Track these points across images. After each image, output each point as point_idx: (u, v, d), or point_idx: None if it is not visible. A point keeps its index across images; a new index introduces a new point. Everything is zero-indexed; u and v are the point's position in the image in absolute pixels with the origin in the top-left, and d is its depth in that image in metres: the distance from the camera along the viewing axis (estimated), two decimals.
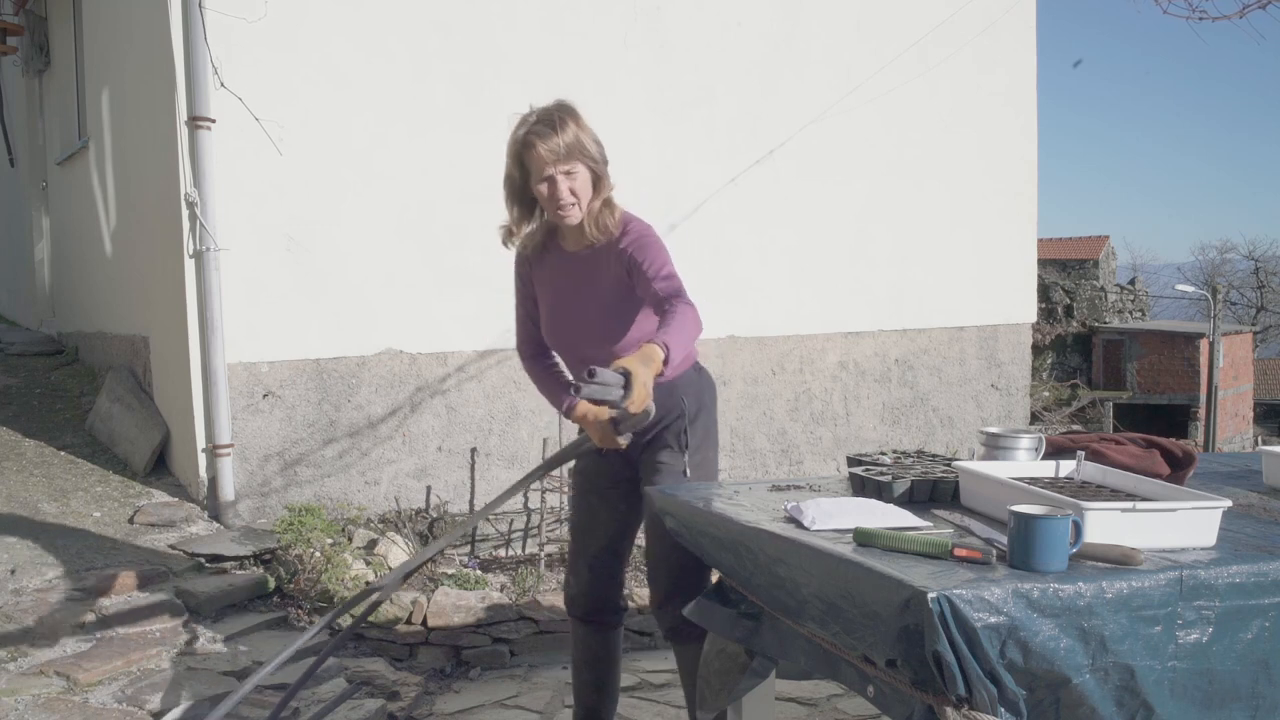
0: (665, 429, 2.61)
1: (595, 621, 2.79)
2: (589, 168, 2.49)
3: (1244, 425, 21.57)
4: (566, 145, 2.44)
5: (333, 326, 4.86)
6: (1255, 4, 4.41)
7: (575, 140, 2.45)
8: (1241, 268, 36.10)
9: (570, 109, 2.53)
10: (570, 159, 2.45)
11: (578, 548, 2.78)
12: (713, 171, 5.84)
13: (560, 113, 2.49)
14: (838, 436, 6.45)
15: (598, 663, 2.83)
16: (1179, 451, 2.36)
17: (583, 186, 2.49)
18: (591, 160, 2.49)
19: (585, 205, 2.51)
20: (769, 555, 2.02)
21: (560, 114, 2.49)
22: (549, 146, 2.44)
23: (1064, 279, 20.27)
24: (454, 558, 4.66)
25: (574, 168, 2.47)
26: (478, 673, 3.93)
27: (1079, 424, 16.07)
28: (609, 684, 2.85)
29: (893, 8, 6.44)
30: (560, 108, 2.52)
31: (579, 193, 2.49)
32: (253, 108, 4.53)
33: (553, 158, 2.44)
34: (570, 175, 2.47)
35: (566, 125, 2.45)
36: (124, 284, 5.93)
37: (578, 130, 2.47)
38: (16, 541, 4.03)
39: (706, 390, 2.74)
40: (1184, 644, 1.68)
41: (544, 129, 2.45)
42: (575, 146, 2.45)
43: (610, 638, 2.82)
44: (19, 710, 2.95)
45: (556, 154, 2.44)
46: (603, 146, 2.54)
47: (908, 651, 1.62)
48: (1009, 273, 7.19)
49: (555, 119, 2.46)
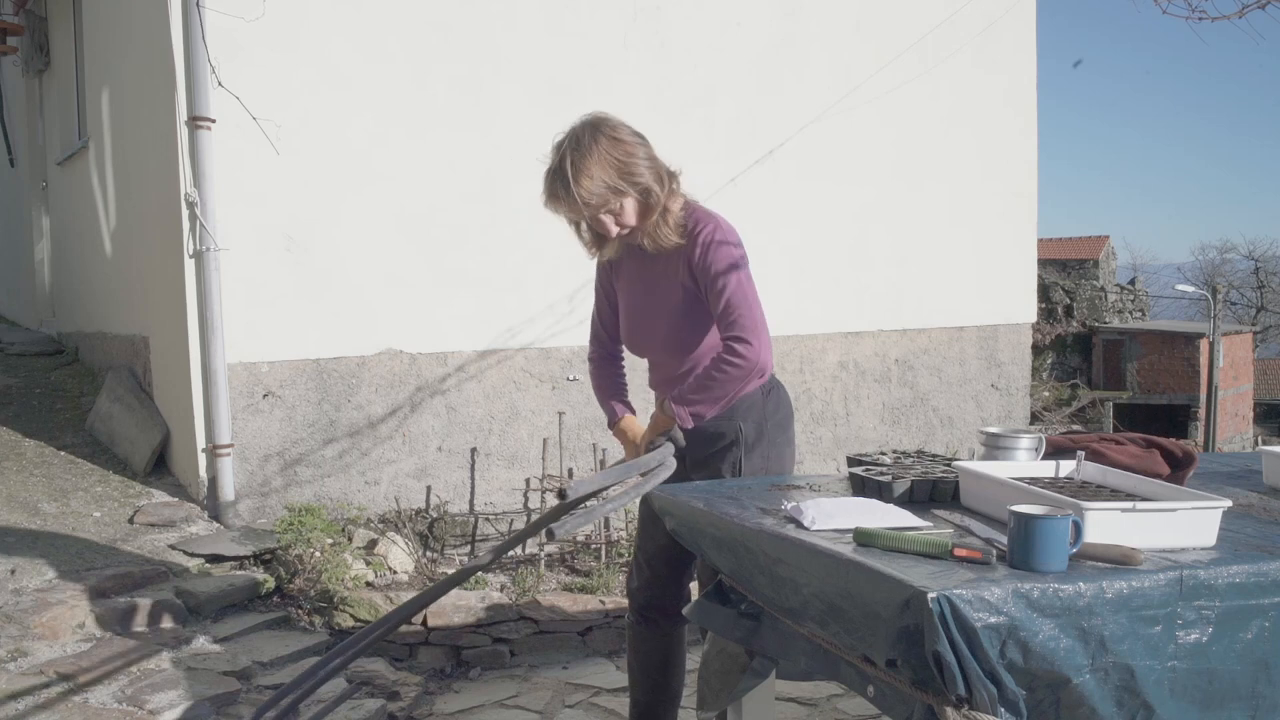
0: (718, 455, 2.55)
1: (651, 620, 2.71)
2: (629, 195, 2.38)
3: (1244, 425, 21.57)
4: (587, 198, 2.33)
5: (333, 326, 4.86)
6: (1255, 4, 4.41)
7: (598, 188, 2.33)
8: (1241, 268, 36.13)
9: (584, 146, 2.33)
10: (604, 206, 2.36)
11: (640, 543, 2.70)
12: (713, 171, 5.84)
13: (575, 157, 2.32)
14: (838, 436, 6.45)
15: (650, 663, 2.74)
16: (1179, 451, 2.36)
17: (627, 214, 2.41)
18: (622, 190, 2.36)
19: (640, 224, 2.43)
20: (769, 555, 2.02)
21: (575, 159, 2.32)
22: (569, 209, 2.37)
23: (1064, 279, 20.27)
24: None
25: (610, 206, 2.38)
26: (478, 673, 3.93)
27: (1079, 424, 16.06)
28: (665, 685, 2.75)
29: (893, 8, 6.44)
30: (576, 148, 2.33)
31: (624, 221, 2.42)
32: (252, 107, 4.53)
33: (578, 216, 2.39)
34: (613, 211, 2.39)
35: (585, 180, 2.31)
36: (124, 284, 5.93)
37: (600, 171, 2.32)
38: (16, 541, 4.03)
39: (771, 415, 2.61)
40: (1184, 644, 1.68)
41: (559, 188, 2.34)
42: (599, 194, 2.34)
43: (666, 640, 2.73)
44: (19, 710, 2.95)
45: (580, 212, 2.37)
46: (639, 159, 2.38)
47: (908, 651, 1.62)
48: (1009, 273, 7.19)
49: (569, 174, 2.31)
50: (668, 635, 2.72)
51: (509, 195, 5.05)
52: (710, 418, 2.48)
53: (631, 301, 2.63)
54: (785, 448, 2.65)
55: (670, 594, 2.69)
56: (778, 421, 2.64)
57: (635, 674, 2.78)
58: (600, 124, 2.41)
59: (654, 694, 2.76)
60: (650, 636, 2.72)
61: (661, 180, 2.43)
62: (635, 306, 2.62)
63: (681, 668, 2.79)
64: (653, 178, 2.41)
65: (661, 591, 2.68)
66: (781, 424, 2.65)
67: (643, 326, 2.61)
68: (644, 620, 2.71)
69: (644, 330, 2.61)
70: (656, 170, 2.43)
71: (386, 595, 4.03)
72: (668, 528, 2.41)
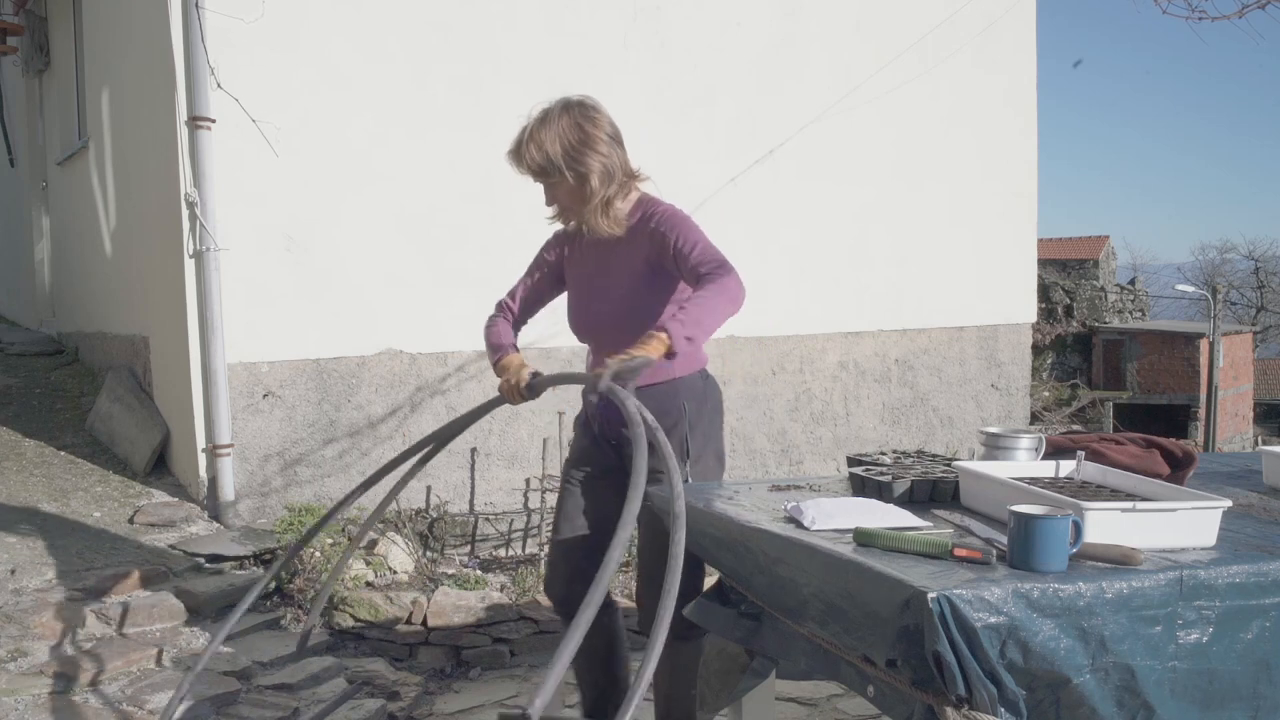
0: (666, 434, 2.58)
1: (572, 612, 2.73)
2: (569, 179, 2.47)
3: (1244, 425, 21.57)
4: (529, 162, 2.45)
5: (333, 326, 4.86)
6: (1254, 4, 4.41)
7: (545, 160, 2.44)
8: (1241, 268, 36.13)
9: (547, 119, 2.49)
10: (545, 176, 2.48)
11: (557, 538, 2.71)
12: (713, 171, 5.84)
13: (537, 123, 2.48)
14: (838, 436, 6.45)
15: (596, 658, 2.74)
16: (1179, 451, 2.36)
17: (565, 195, 2.50)
18: (563, 173, 2.46)
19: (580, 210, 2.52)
20: (769, 555, 2.02)
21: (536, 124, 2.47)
22: (514, 162, 2.49)
23: (1064, 279, 20.26)
24: (454, 558, 4.66)
25: (547, 178, 2.48)
26: (478, 673, 3.93)
27: (1079, 424, 16.06)
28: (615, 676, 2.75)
29: (893, 8, 6.44)
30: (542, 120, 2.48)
31: (555, 197, 2.52)
32: (251, 108, 4.53)
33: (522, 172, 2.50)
34: (554, 186, 2.49)
35: (532, 147, 2.45)
36: (124, 284, 5.93)
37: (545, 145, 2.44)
38: (16, 541, 4.03)
39: (711, 397, 2.67)
40: (1184, 644, 1.68)
41: (512, 154, 2.49)
42: (544, 166, 2.45)
43: (607, 630, 2.73)
44: (19, 710, 2.95)
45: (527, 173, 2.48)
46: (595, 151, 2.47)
47: (908, 651, 1.62)
48: (1009, 273, 7.19)
49: (524, 141, 2.47)
50: (605, 625, 2.73)
51: (509, 195, 5.03)
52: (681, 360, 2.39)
53: (587, 282, 2.62)
54: (722, 429, 2.71)
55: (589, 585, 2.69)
56: (715, 404, 2.68)
57: (584, 674, 2.77)
58: (579, 105, 2.52)
59: (607, 688, 2.75)
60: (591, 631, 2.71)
61: (608, 178, 2.49)
62: (591, 286, 2.61)
63: (627, 654, 2.78)
64: (599, 172, 2.47)
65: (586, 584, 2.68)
66: (718, 407, 2.70)
67: (598, 304, 2.60)
68: (568, 615, 2.71)
69: (600, 307, 2.59)
70: (607, 169, 2.49)
71: (386, 595, 4.04)
72: (668, 527, 2.41)
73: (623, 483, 2.63)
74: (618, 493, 2.64)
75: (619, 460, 2.62)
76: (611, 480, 2.63)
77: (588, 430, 2.70)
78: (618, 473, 2.62)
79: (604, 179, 2.49)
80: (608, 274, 2.57)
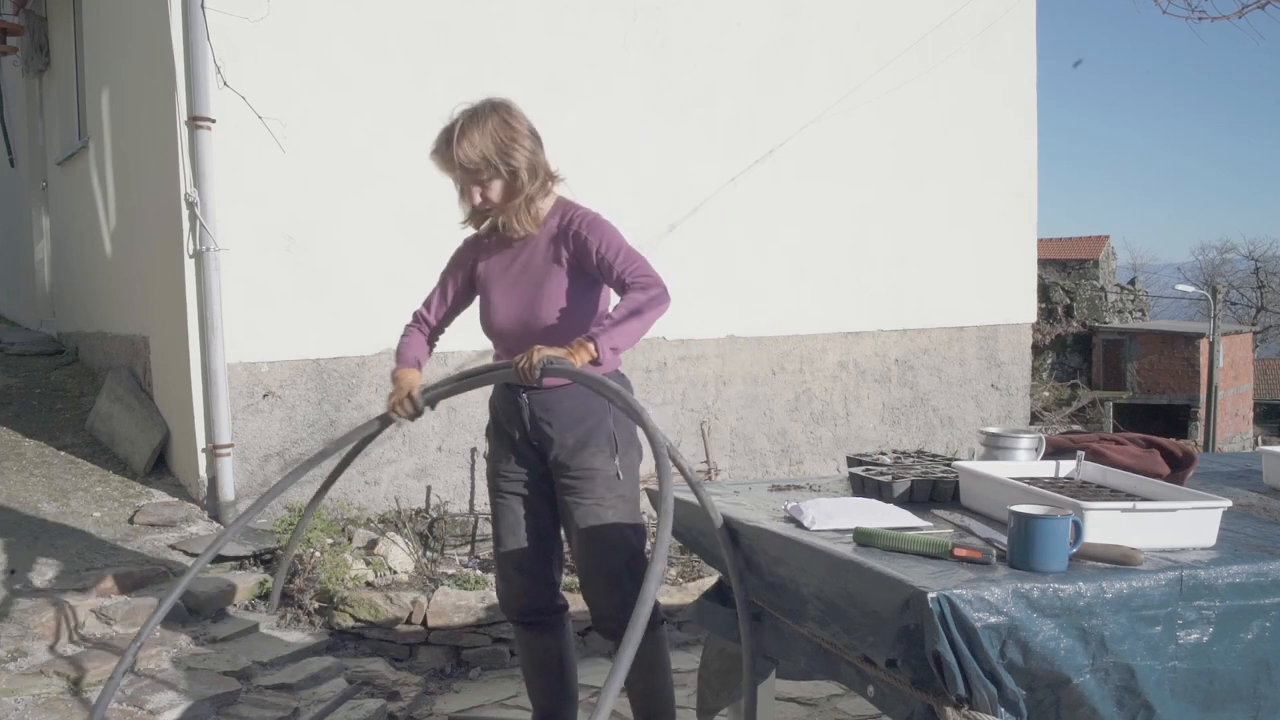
0: (592, 431, 2.57)
1: (533, 624, 2.73)
2: (496, 176, 2.50)
3: (1244, 425, 21.56)
4: (463, 160, 2.47)
5: (333, 326, 4.86)
6: (1254, 4, 4.41)
7: (479, 157, 2.47)
8: (1241, 268, 36.11)
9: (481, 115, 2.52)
10: (474, 174, 2.49)
11: (503, 550, 2.70)
12: (713, 171, 5.84)
13: (467, 123, 2.50)
14: (838, 436, 6.45)
15: (549, 665, 2.76)
16: (1179, 451, 2.36)
17: (494, 192, 2.53)
18: (496, 169, 2.49)
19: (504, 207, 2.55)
20: (769, 555, 2.02)
21: (466, 125, 2.50)
22: (444, 163, 2.52)
23: (1064, 279, 20.26)
24: (454, 558, 4.66)
25: (480, 176, 2.50)
26: (478, 673, 3.93)
27: (1079, 424, 16.06)
28: (563, 686, 2.78)
29: (893, 8, 6.44)
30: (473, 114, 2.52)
31: (488, 195, 2.53)
32: (255, 107, 4.52)
33: (451, 173, 2.52)
34: (480, 183, 2.51)
35: (464, 139, 2.47)
36: (124, 284, 5.93)
37: (479, 142, 2.47)
38: (16, 541, 4.03)
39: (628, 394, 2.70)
40: (1184, 644, 1.68)
41: (443, 144, 2.51)
42: (473, 161, 2.47)
43: (553, 638, 2.75)
44: (19, 710, 2.96)
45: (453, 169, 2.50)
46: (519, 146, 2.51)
47: (908, 651, 1.62)
48: (1009, 273, 7.19)
49: (455, 131, 2.49)
50: (556, 633, 2.75)
51: None
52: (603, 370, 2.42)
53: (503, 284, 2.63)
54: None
55: (547, 592, 2.73)
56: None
57: (534, 681, 2.79)
58: (502, 105, 2.57)
59: (556, 697, 2.78)
60: (541, 638, 2.75)
61: (534, 173, 2.54)
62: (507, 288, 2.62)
63: (574, 664, 2.82)
64: (526, 167, 2.52)
65: (538, 592, 2.71)
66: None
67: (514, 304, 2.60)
68: (531, 625, 2.73)
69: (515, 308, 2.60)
70: (534, 164, 2.54)
71: (386, 595, 4.03)
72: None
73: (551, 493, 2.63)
74: (549, 502, 2.65)
75: (544, 466, 2.63)
76: (540, 491, 2.65)
77: (505, 437, 2.68)
78: (545, 480, 2.65)
79: (531, 175, 2.54)
80: (525, 274, 2.59)
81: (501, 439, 2.69)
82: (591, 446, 2.56)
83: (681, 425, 5.88)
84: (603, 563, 2.57)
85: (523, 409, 2.60)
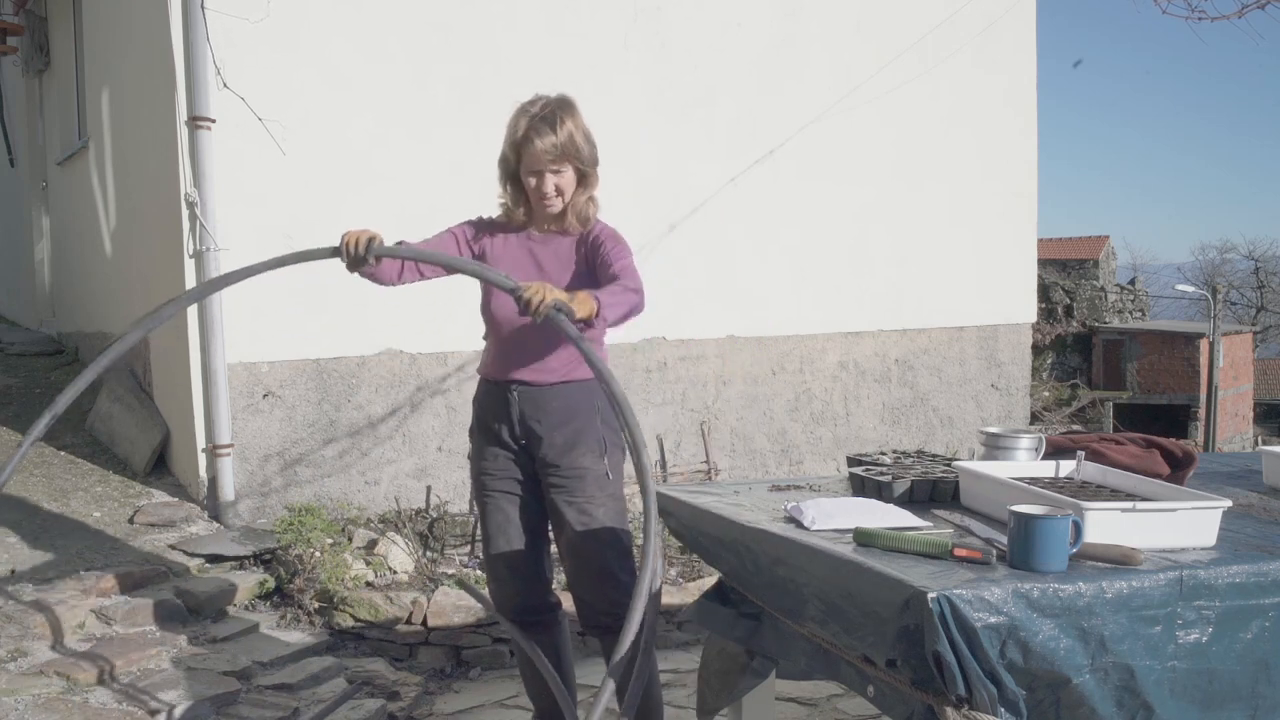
0: (581, 431, 2.58)
1: (528, 623, 2.73)
2: (576, 169, 2.56)
3: (1244, 425, 21.56)
4: (561, 147, 2.51)
5: (333, 326, 4.86)
6: (1254, 4, 4.42)
7: (570, 142, 2.52)
8: (1241, 268, 36.10)
9: (571, 107, 2.59)
10: (562, 160, 2.53)
11: (494, 551, 2.70)
12: (713, 171, 5.84)
13: (561, 111, 2.55)
14: (838, 436, 6.45)
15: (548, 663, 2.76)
16: (1179, 451, 2.36)
17: (567, 184, 2.57)
18: (580, 162, 2.56)
19: (569, 199, 2.59)
20: (769, 555, 2.02)
21: (561, 113, 2.55)
22: (544, 146, 2.51)
23: (1064, 279, 20.26)
24: (454, 558, 4.66)
25: (563, 167, 2.54)
26: (478, 673, 3.93)
27: (1079, 424, 16.06)
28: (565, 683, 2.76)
29: (893, 8, 6.44)
30: (562, 105, 2.58)
31: (564, 189, 2.57)
32: (255, 108, 4.52)
33: (547, 158, 2.52)
34: (558, 173, 2.54)
35: (564, 126, 2.52)
36: (124, 284, 5.93)
37: (574, 131, 2.54)
38: (16, 541, 4.03)
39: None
40: (1184, 644, 1.68)
41: (544, 127, 2.52)
42: (569, 149, 2.53)
43: (550, 637, 2.76)
44: (19, 710, 2.96)
45: (551, 155, 2.51)
46: (594, 146, 2.60)
47: (908, 651, 1.62)
48: (1009, 273, 7.19)
49: (556, 119, 2.53)
50: (553, 632, 2.77)
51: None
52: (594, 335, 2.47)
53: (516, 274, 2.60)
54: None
55: (540, 591, 2.74)
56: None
57: (533, 681, 2.79)
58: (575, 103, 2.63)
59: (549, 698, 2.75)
60: (538, 638, 2.75)
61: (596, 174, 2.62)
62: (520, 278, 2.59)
63: (569, 662, 2.83)
64: (594, 166, 2.60)
65: (531, 591, 2.72)
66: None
67: None
68: (528, 625, 2.74)
69: None
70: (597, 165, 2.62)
71: (386, 595, 4.03)
72: (669, 528, 2.41)
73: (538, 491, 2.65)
74: (537, 499, 2.66)
75: (531, 464, 2.64)
76: (528, 488, 2.67)
77: (491, 434, 2.68)
78: (532, 479, 2.66)
79: (594, 174, 2.61)
80: (540, 272, 2.62)
81: (487, 436, 2.69)
82: (581, 446, 2.58)
83: (681, 425, 5.88)
84: (594, 559, 2.59)
85: (512, 406, 2.61)
